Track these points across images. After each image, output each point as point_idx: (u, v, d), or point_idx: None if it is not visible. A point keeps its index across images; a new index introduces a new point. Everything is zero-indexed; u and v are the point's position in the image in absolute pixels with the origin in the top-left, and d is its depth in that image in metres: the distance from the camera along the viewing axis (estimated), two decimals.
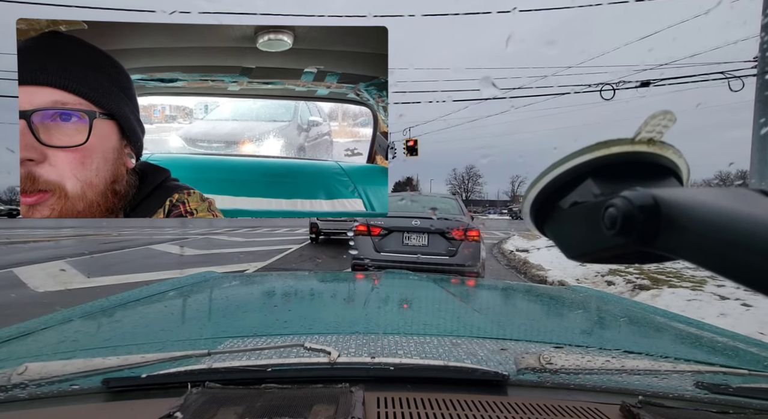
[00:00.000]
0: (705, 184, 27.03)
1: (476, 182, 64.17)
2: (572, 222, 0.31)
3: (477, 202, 64.03)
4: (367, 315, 1.00)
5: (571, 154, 0.30)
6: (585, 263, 1.67)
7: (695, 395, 0.57)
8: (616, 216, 0.24)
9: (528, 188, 0.33)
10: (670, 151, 0.29)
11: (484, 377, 0.57)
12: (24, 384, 0.53)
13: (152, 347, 0.71)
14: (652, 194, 0.23)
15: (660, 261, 0.27)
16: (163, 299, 1.16)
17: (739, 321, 3.38)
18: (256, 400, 0.48)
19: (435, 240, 3.97)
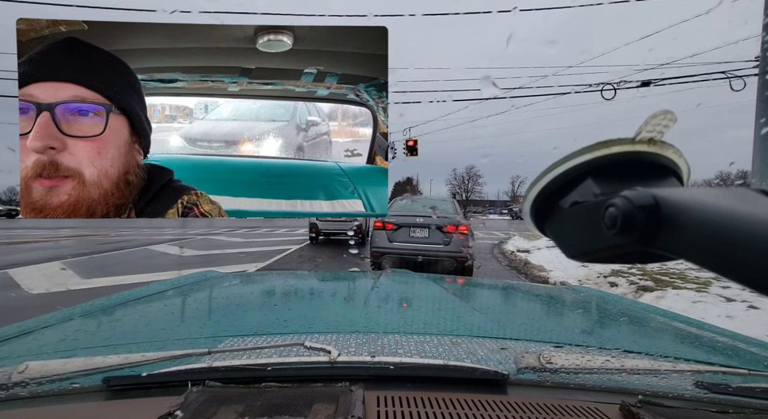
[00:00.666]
0: (705, 184, 26.99)
1: (476, 182, 64.14)
2: (572, 222, 0.31)
3: (477, 202, 63.95)
4: (367, 314, 1.01)
5: (571, 153, 0.30)
6: (586, 264, 1.69)
7: (695, 394, 0.57)
8: (617, 216, 0.24)
9: (528, 187, 0.33)
10: (671, 151, 0.29)
11: (484, 376, 0.57)
12: (25, 383, 0.54)
13: (152, 346, 0.71)
14: (653, 194, 0.23)
15: (660, 261, 0.28)
16: (164, 298, 1.16)
17: (746, 323, 3.34)
18: (257, 399, 0.49)
19: (434, 233, 5.30)
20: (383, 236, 5.41)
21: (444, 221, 5.34)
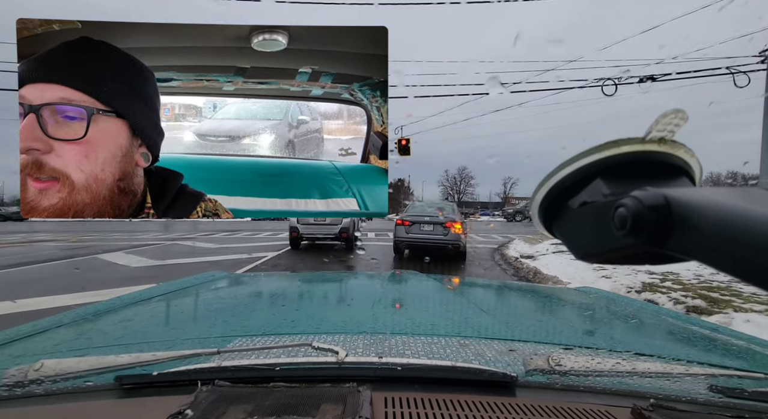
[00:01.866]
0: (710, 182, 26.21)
1: (468, 184, 63.87)
2: (581, 222, 0.31)
3: (469, 203, 63.29)
4: (375, 314, 1.02)
5: (580, 153, 0.30)
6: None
7: (709, 398, 0.56)
8: (626, 216, 0.24)
9: (537, 188, 0.33)
10: (682, 150, 0.29)
11: (492, 378, 0.57)
12: (40, 380, 0.55)
13: (163, 345, 0.73)
14: (663, 194, 0.23)
15: (671, 262, 0.27)
16: (173, 299, 1.18)
17: None
18: (265, 399, 0.50)
19: (437, 228, 7.89)
20: (402, 229, 8.04)
21: (444, 218, 7.94)
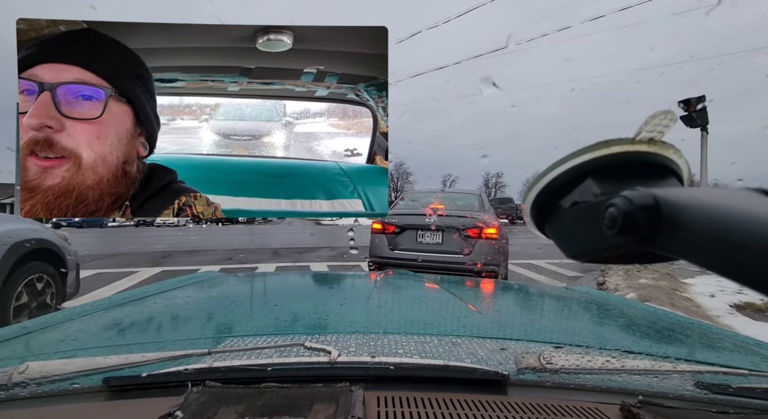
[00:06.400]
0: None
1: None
2: (573, 222, 0.31)
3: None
4: (367, 314, 1.01)
5: (571, 153, 0.31)
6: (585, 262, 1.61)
7: (695, 395, 0.57)
8: (617, 216, 0.24)
9: (528, 187, 0.34)
10: (671, 150, 0.30)
11: (484, 376, 0.57)
12: (25, 383, 0.54)
13: (152, 346, 0.72)
14: (653, 194, 0.23)
15: (660, 261, 0.28)
16: (164, 299, 1.17)
17: None
18: (257, 399, 0.49)
19: (449, 238, 3.83)
20: (383, 242, 4.04)
21: (463, 221, 3.84)
